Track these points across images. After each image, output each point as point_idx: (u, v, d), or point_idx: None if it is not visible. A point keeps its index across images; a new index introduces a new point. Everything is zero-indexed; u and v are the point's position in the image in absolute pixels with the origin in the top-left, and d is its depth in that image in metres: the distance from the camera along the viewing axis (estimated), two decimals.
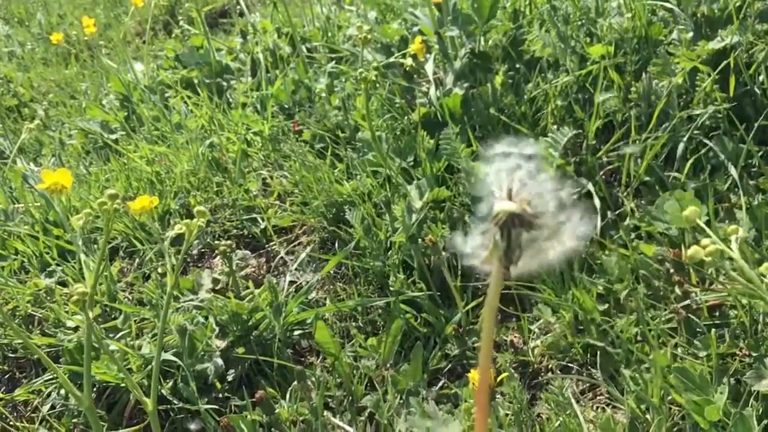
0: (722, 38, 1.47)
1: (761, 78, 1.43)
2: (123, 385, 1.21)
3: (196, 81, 1.99)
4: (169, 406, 1.19)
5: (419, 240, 1.29)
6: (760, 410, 0.89)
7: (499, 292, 0.45)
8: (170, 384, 1.22)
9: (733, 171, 1.31)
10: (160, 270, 1.43)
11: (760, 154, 1.35)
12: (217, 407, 1.17)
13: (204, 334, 1.22)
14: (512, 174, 0.44)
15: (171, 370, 1.23)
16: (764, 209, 1.23)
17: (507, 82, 1.53)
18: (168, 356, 1.19)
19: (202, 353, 1.21)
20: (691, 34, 1.50)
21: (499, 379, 0.92)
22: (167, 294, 0.92)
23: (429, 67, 1.61)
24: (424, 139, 1.45)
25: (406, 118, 1.56)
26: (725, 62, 1.40)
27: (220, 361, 1.21)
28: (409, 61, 1.44)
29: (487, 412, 0.46)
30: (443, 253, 1.20)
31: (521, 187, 0.43)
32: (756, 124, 1.32)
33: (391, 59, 1.56)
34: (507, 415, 1.02)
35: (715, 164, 1.37)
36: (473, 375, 0.86)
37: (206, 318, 1.27)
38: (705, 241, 0.70)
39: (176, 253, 1.37)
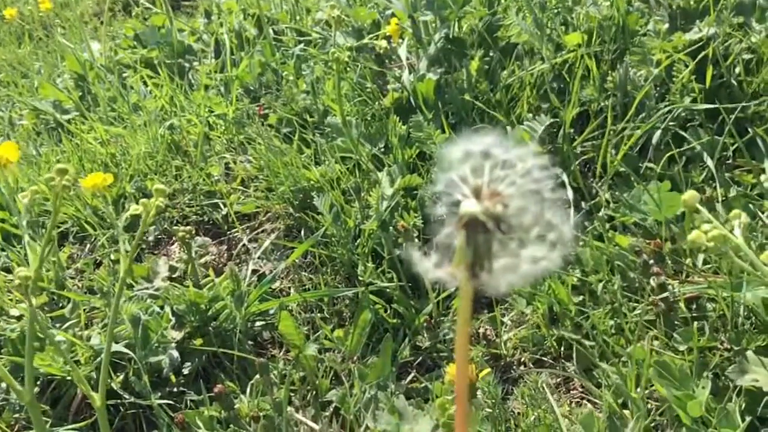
0: (699, 29, 1.45)
1: (737, 70, 1.41)
2: (69, 378, 1.13)
3: (156, 61, 1.90)
4: (119, 400, 1.12)
5: (390, 228, 1.24)
6: (743, 405, 0.86)
7: (469, 308, 0.37)
8: (121, 377, 1.14)
9: (709, 162, 1.29)
10: (112, 256, 1.35)
11: (735, 146, 1.33)
12: (171, 402, 1.10)
13: (159, 325, 1.14)
14: (482, 165, 0.36)
15: (122, 362, 1.16)
16: (740, 201, 1.21)
17: (482, 69, 1.48)
18: (119, 348, 1.12)
19: (157, 345, 1.14)
20: (666, 25, 1.48)
21: (481, 375, 0.87)
22: (120, 280, 0.85)
23: (402, 52, 1.56)
24: (396, 124, 1.40)
25: (377, 103, 1.51)
26: (703, 53, 1.38)
27: (175, 354, 1.13)
28: (382, 44, 1.38)
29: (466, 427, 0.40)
30: (416, 242, 1.15)
31: (494, 181, 0.36)
32: (732, 117, 1.30)
33: (364, 41, 1.50)
34: (481, 409, 0.97)
35: (690, 156, 1.35)
36: (451, 369, 0.81)
37: (162, 307, 1.19)
38: (706, 226, 0.66)
39: (131, 239, 1.29)
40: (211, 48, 1.94)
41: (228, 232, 1.42)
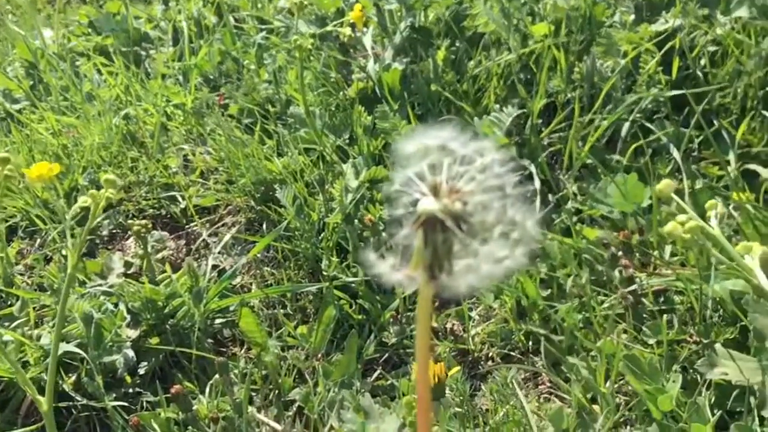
0: (665, 20, 1.44)
1: (703, 62, 1.41)
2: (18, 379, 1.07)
3: (111, 49, 1.83)
4: (71, 403, 1.07)
5: (355, 221, 1.20)
6: (713, 399, 0.85)
7: (430, 312, 0.35)
8: (73, 378, 1.09)
9: (676, 154, 1.29)
10: (64, 252, 1.29)
11: (701, 138, 1.33)
12: (126, 404, 1.05)
13: (113, 323, 1.09)
14: (440, 161, 0.34)
15: (75, 363, 1.10)
16: (707, 193, 1.21)
17: (448, 59, 1.45)
18: (71, 348, 1.06)
19: (111, 344, 1.08)
20: (633, 16, 1.48)
21: (450, 374, 0.85)
22: (68, 276, 0.80)
23: (367, 41, 1.52)
24: (361, 115, 1.36)
25: (341, 93, 1.47)
26: (669, 45, 1.38)
27: (130, 353, 1.08)
28: (346, 31, 1.34)
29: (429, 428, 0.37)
30: (382, 235, 1.12)
31: (453, 178, 0.34)
32: (699, 108, 1.30)
33: (328, 28, 1.46)
34: (449, 408, 0.94)
35: (656, 148, 1.34)
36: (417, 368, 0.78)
37: (116, 305, 1.14)
38: (681, 217, 0.64)
39: (81, 233, 1.23)
40: (169, 36, 1.87)
41: (186, 226, 1.37)
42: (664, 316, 0.97)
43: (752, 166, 1.23)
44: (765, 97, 1.34)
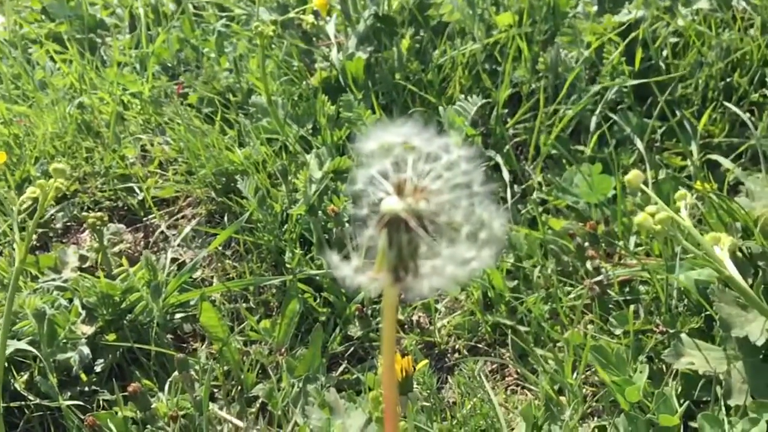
0: (628, 11, 1.45)
1: (665, 53, 1.42)
2: None
3: (65, 36, 1.76)
4: (24, 402, 1.02)
5: (319, 213, 1.18)
6: (679, 389, 0.85)
7: (394, 315, 0.34)
8: (25, 377, 1.04)
9: (639, 145, 1.29)
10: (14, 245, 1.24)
11: (664, 128, 1.34)
12: (81, 403, 1.01)
13: (67, 319, 1.05)
14: (404, 159, 0.33)
15: (27, 361, 1.06)
16: (670, 183, 1.22)
17: (413, 48, 1.43)
18: (22, 345, 1.02)
19: (65, 341, 1.04)
20: (596, 7, 1.48)
21: (418, 368, 0.83)
22: (15, 269, 0.76)
23: (330, 29, 1.49)
24: (325, 104, 1.33)
25: (304, 82, 1.44)
26: (632, 35, 1.38)
27: (86, 350, 1.04)
28: (309, 19, 1.31)
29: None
30: (347, 226, 1.10)
31: (418, 176, 0.32)
32: (661, 99, 1.31)
33: (290, 15, 1.43)
34: (417, 402, 0.93)
35: (620, 138, 1.34)
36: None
37: (70, 300, 1.10)
38: (651, 208, 0.63)
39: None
40: (126, 22, 1.81)
41: (144, 219, 1.33)
42: (631, 306, 0.97)
43: (714, 156, 1.24)
44: (726, 88, 1.36)
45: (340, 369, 1.06)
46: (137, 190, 1.36)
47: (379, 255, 0.32)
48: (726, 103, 1.31)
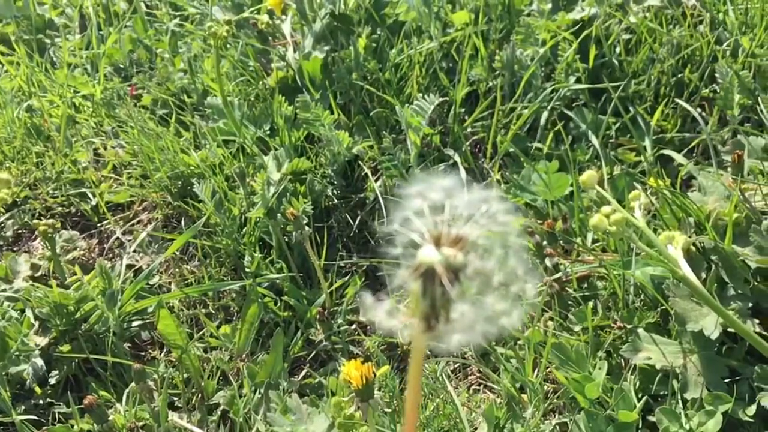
0: (582, 8, 1.46)
1: (618, 50, 1.44)
2: None
3: (12, 37, 1.71)
4: None
5: (278, 215, 1.16)
6: (637, 384, 0.87)
7: (421, 362, 0.35)
8: None
9: (594, 141, 1.31)
10: None
11: (618, 125, 1.36)
12: (36, 417, 0.98)
13: (19, 331, 1.02)
14: (441, 203, 0.33)
15: None
16: (624, 179, 1.24)
17: (370, 47, 1.43)
18: None
19: (17, 353, 1.01)
20: (550, 5, 1.49)
21: (379, 373, 0.83)
22: None
23: (286, 28, 1.47)
24: (282, 105, 1.32)
25: (261, 82, 1.42)
26: (586, 33, 1.40)
27: (40, 362, 1.02)
28: (264, 18, 1.30)
29: None
30: (306, 229, 1.09)
31: (455, 220, 0.33)
32: (615, 95, 1.33)
33: (245, 15, 1.40)
34: (379, 409, 0.93)
35: (575, 135, 1.36)
36: (346, 368, 0.76)
37: (22, 311, 1.07)
38: (606, 208, 0.64)
39: None
40: (76, 22, 1.77)
41: (98, 225, 1.30)
42: (589, 302, 0.98)
43: (667, 152, 1.27)
44: (677, 84, 1.38)
45: (302, 373, 1.05)
46: (90, 196, 1.32)
47: (412, 302, 0.32)
48: (678, 100, 1.34)
